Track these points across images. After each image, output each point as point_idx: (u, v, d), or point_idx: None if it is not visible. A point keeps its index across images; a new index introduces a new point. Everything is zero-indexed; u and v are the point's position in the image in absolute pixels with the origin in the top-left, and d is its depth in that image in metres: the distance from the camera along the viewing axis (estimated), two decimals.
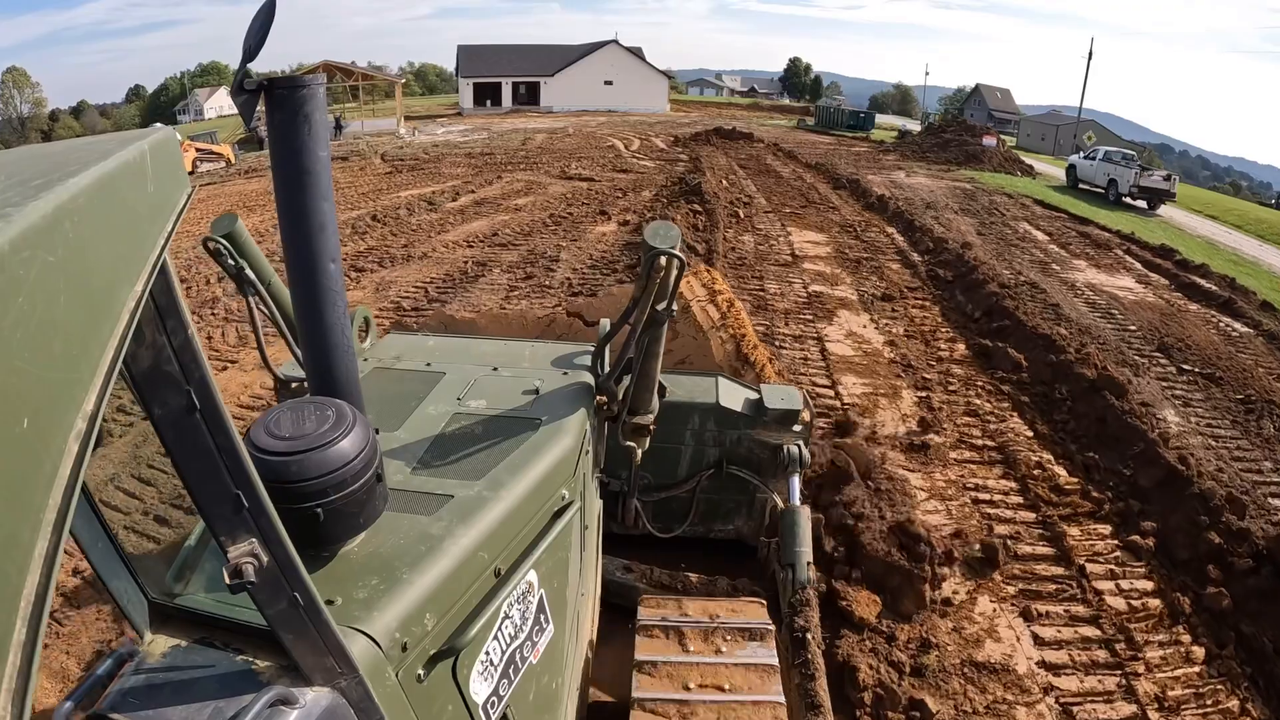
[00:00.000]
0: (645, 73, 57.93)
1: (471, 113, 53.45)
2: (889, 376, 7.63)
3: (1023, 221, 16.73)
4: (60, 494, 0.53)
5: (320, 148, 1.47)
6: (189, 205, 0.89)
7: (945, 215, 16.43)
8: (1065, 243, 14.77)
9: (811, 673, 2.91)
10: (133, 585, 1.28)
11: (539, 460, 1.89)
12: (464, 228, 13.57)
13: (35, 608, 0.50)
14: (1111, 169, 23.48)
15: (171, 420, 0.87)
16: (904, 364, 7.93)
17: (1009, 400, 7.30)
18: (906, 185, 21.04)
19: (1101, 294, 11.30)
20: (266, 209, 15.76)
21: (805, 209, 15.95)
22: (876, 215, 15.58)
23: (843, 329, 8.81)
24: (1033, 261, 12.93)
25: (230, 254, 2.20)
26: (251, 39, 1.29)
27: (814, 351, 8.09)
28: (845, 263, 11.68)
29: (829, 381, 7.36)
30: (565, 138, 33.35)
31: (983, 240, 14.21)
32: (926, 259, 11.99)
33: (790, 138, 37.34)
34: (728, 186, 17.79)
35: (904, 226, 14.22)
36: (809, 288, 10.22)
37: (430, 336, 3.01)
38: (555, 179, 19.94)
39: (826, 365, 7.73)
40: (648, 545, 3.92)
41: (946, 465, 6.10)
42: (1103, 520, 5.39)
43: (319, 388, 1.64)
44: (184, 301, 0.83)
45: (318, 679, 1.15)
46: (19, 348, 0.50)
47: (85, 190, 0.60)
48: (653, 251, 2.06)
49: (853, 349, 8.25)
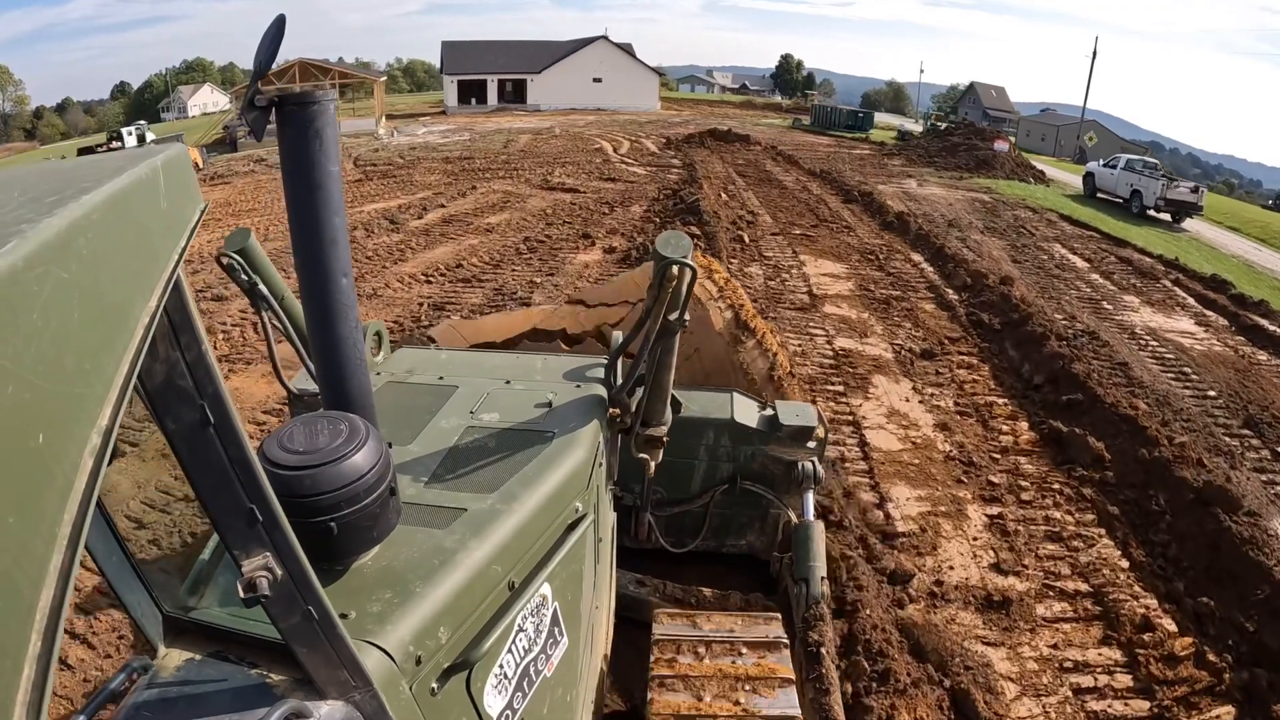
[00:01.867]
0: (635, 70, 55.79)
1: (456, 111, 51.38)
2: (947, 481, 5.90)
3: (1055, 243, 15.01)
4: (75, 508, 0.54)
5: (331, 163, 1.47)
6: (202, 221, 0.89)
7: (972, 236, 14.68)
8: (1108, 271, 13.07)
9: (826, 687, 2.86)
10: (147, 598, 1.28)
11: (552, 473, 1.89)
12: (426, 255, 11.70)
13: (50, 621, 0.50)
14: (1135, 179, 21.82)
15: (185, 435, 0.88)
16: (963, 460, 6.20)
17: (1094, 510, 5.69)
18: (921, 197, 19.26)
19: (1165, 342, 9.61)
20: (224, 224, 13.88)
21: (817, 229, 14.13)
22: (897, 238, 13.79)
23: (882, 405, 7.05)
24: (1081, 299, 11.21)
25: (243, 269, 2.21)
26: (262, 55, 1.29)
27: (850, 444, 6.32)
28: (872, 304, 9.90)
29: (876, 497, 5.60)
30: (551, 139, 31.46)
31: (1020, 270, 12.48)
32: (965, 298, 10.24)
33: (787, 139, 35.52)
34: (727, 200, 15.97)
35: (931, 253, 12.45)
36: (834, 342, 8.44)
37: (443, 350, 3.04)
38: (535, 189, 18.08)
39: (870, 468, 5.97)
40: (660, 559, 3.88)
41: (1035, 629, 4.52)
42: (1223, 699, 4.01)
43: (332, 402, 1.63)
44: (198, 316, 0.83)
45: (332, 693, 1.15)
46: (33, 363, 0.50)
47: (99, 207, 0.61)
48: (664, 261, 2.04)
49: (898, 437, 6.49)
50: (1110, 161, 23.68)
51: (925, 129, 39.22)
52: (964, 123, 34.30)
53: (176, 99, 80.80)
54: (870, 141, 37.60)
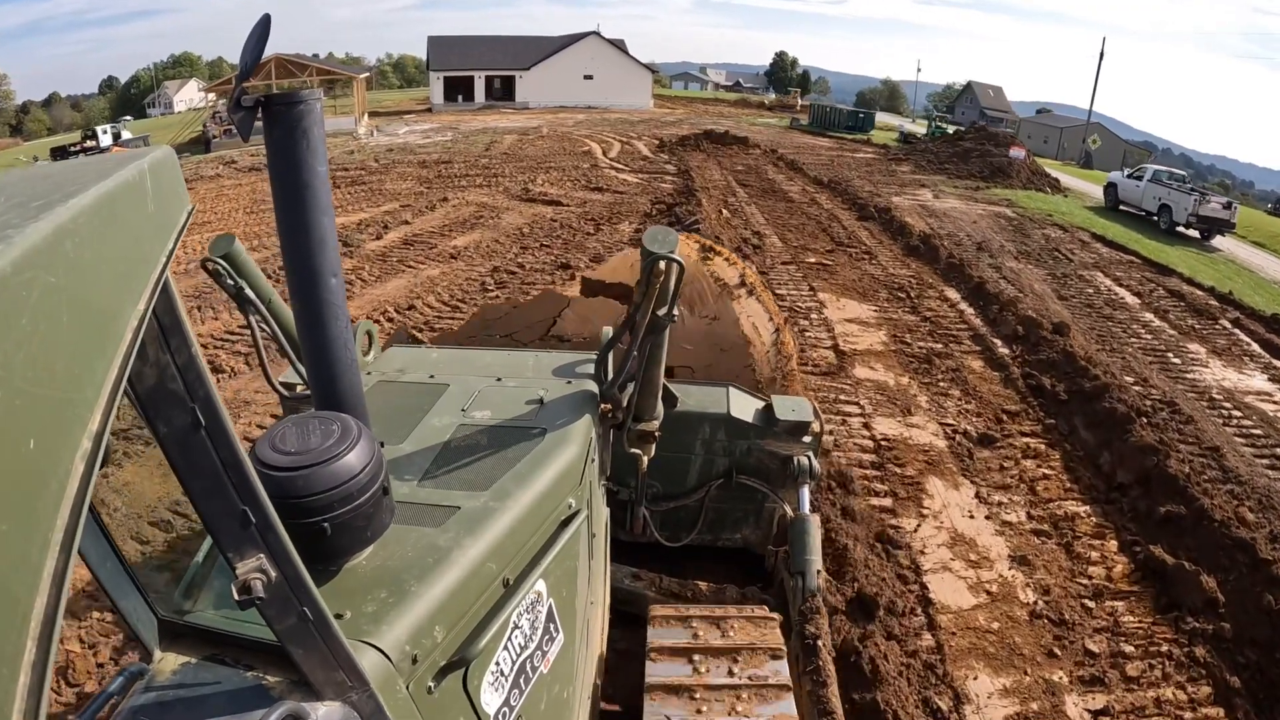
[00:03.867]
0: (628, 66, 53.74)
1: (442, 109, 49.28)
2: (1036, 657, 4.26)
3: (1096, 270, 13.33)
4: (68, 513, 0.53)
5: (319, 163, 1.46)
6: (189, 223, 0.88)
7: (1006, 264, 12.97)
8: (1161, 309, 11.40)
9: (823, 680, 2.84)
10: (142, 603, 1.28)
11: (545, 470, 1.89)
12: (375, 291, 9.91)
13: (45, 628, 0.50)
14: (1164, 193, 20.19)
15: (177, 438, 0.87)
16: (1052, 615, 4.56)
17: (1209, 680, 4.16)
18: (941, 213, 17.53)
19: (1247, 410, 7.94)
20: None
21: (834, 255, 12.37)
22: (925, 266, 12.05)
23: (942, 528, 5.34)
24: (1144, 350, 9.51)
25: (229, 274, 2.24)
26: (248, 55, 1.29)
27: (909, 599, 4.61)
28: (911, 363, 8.17)
29: (950, 697, 3.90)
30: (537, 140, 29.61)
31: (1070, 309, 10.78)
32: (1017, 352, 8.55)
33: (786, 140, 33.74)
34: (729, 218, 14.23)
35: (968, 288, 10.72)
36: (873, 425, 6.70)
37: (433, 349, 3.02)
38: (514, 201, 16.28)
39: (937, 642, 4.26)
40: (655, 553, 3.82)
41: None
42: None
43: (323, 402, 1.62)
44: (187, 319, 0.82)
45: (328, 693, 1.14)
46: (22, 369, 0.50)
47: (85, 210, 0.60)
48: (651, 256, 2.03)
49: (969, 584, 4.79)
50: (1135, 172, 22.06)
51: (930, 131, 37.46)
52: (974, 127, 32.52)
53: (162, 94, 79.06)
54: (873, 144, 35.89)
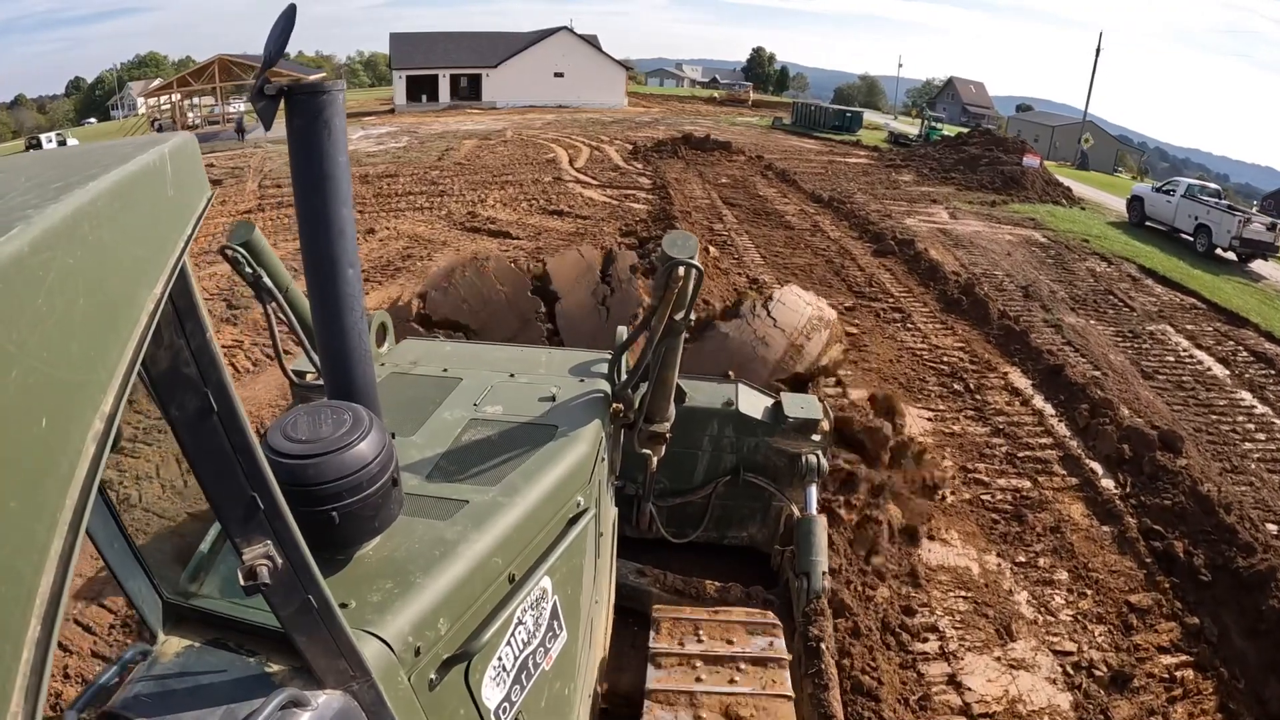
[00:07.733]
0: (600, 63, 50.71)
1: (405, 109, 45.99)
2: None
3: (1165, 324, 10.79)
4: (77, 493, 0.54)
5: (340, 153, 1.46)
6: (208, 209, 0.86)
7: (1065, 318, 10.37)
8: (1256, 383, 8.81)
9: (825, 683, 2.81)
10: (148, 585, 1.28)
11: (554, 467, 1.89)
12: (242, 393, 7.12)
13: (50, 606, 0.50)
14: (1200, 211, 17.81)
15: (188, 422, 0.87)
16: None
17: None
18: (966, 240, 14.88)
19: None
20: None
21: (854, 314, 9.67)
22: (974, 331, 9.33)
23: None
24: (1264, 461, 6.98)
25: (247, 261, 2.27)
26: (272, 45, 1.29)
27: None
28: (995, 523, 5.47)
29: None
30: (498, 146, 26.72)
31: (1159, 394, 8.23)
32: (1127, 488, 5.99)
33: (771, 144, 31.10)
34: (717, 257, 11.58)
35: (1038, 370, 8.10)
36: (960, 673, 4.04)
37: (447, 342, 3.02)
38: (454, 231, 13.47)
39: None
40: (661, 549, 3.78)
41: None
42: None
43: (336, 392, 1.63)
44: (203, 304, 0.82)
45: (330, 681, 1.14)
46: (38, 348, 0.50)
47: (104, 193, 0.60)
48: (671, 262, 2.02)
49: None
50: (1165, 186, 19.75)
51: (924, 132, 35.02)
52: (978, 130, 30.10)
53: (127, 95, 74.39)
54: (863, 146, 33.39)
